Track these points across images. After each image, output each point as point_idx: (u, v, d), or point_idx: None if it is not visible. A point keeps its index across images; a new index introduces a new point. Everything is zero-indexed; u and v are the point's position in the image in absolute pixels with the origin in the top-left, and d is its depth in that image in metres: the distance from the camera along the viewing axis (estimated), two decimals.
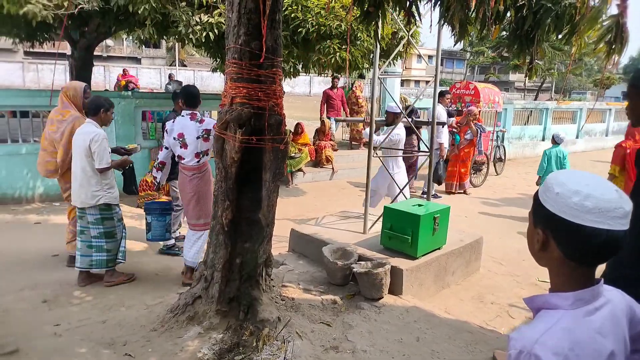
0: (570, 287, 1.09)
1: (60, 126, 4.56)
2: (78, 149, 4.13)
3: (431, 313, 3.80)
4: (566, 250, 1.07)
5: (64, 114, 4.61)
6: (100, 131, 4.17)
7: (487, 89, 10.72)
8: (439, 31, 4.61)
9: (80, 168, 4.13)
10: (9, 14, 6.77)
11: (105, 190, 4.19)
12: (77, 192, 4.17)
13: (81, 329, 3.39)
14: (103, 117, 4.30)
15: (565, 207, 1.04)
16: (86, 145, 4.07)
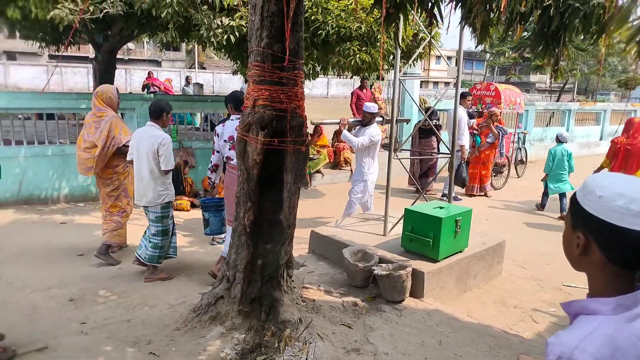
0: (611, 292, 1.06)
1: (98, 126, 4.83)
2: (145, 152, 4.33)
3: (453, 316, 3.76)
4: (610, 254, 1.05)
5: (100, 115, 4.89)
6: (167, 135, 4.41)
7: (508, 90, 10.59)
8: (461, 32, 4.58)
9: (148, 170, 4.33)
10: (36, 19, 6.96)
11: (169, 189, 4.46)
12: (143, 192, 4.39)
13: (107, 327, 3.45)
14: (165, 120, 4.53)
15: (609, 210, 1.02)
16: (154, 149, 4.29)
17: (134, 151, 4.45)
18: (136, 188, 4.47)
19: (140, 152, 4.37)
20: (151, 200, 4.37)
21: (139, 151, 4.38)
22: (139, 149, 4.38)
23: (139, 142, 4.39)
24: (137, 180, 4.43)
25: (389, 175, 4.94)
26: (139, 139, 4.40)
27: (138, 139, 4.40)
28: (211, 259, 5.11)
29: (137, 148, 4.39)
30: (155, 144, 4.29)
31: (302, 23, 3.40)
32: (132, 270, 4.66)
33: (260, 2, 3.22)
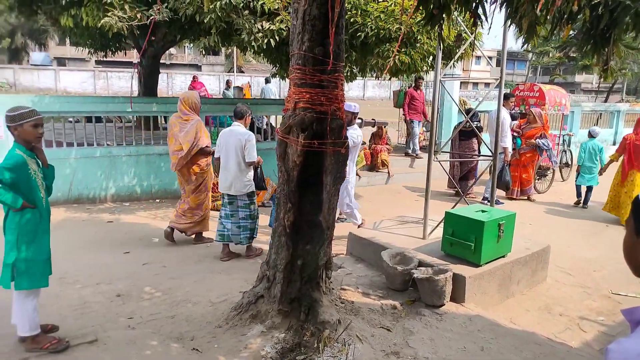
0: None
1: (183, 127, 5.43)
2: (233, 147, 4.95)
3: (495, 322, 3.68)
4: None
5: (186, 119, 5.47)
6: (251, 132, 5.07)
7: (552, 90, 10.24)
8: (505, 32, 4.48)
9: (236, 163, 4.96)
10: (87, 26, 7.31)
11: (251, 181, 5.11)
12: (231, 183, 5.02)
13: (152, 323, 3.58)
14: (247, 121, 5.16)
15: None
16: (242, 144, 4.93)
17: (221, 148, 5.05)
18: (224, 180, 5.07)
19: (228, 148, 4.98)
20: (239, 189, 5.02)
21: (227, 148, 4.99)
22: (227, 146, 4.99)
23: (226, 140, 5.01)
24: (225, 173, 5.04)
25: (428, 177, 4.88)
26: (226, 137, 5.02)
27: (226, 137, 5.03)
28: (250, 259, 5.20)
29: (225, 145, 5.01)
30: (242, 140, 4.92)
31: (343, 26, 3.43)
32: (175, 269, 4.80)
33: (302, 7, 3.26)
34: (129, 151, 7.70)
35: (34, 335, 3.13)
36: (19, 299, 3.11)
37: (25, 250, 3.05)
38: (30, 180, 3.06)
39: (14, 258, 3.03)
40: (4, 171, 2.93)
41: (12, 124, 3.01)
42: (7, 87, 30.26)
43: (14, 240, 3.04)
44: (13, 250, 3.04)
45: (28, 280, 3.07)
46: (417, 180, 9.88)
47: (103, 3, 6.30)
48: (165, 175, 7.93)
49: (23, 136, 3.04)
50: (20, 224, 3.04)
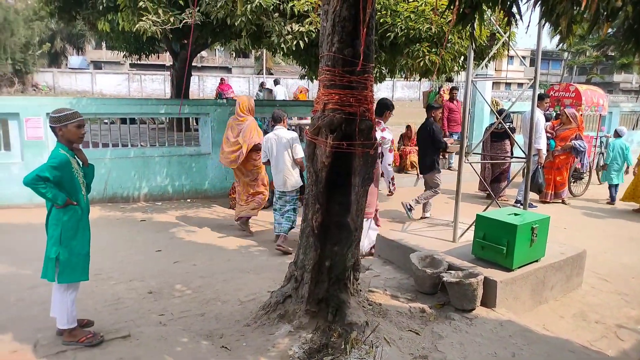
0: None
1: (240, 128, 6.09)
2: (282, 149, 5.50)
3: (528, 328, 3.58)
4: None
5: (242, 120, 6.15)
6: (294, 132, 5.75)
7: (589, 90, 9.92)
8: (539, 31, 4.37)
9: (287, 163, 5.51)
10: (122, 31, 7.52)
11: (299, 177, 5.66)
12: (284, 181, 5.57)
13: (182, 320, 3.65)
14: (284, 123, 5.73)
15: None
16: (290, 144, 5.49)
17: (270, 153, 5.57)
18: (277, 179, 5.60)
19: (278, 150, 5.51)
20: (293, 185, 5.58)
21: (277, 150, 5.52)
22: (276, 149, 5.52)
23: (273, 144, 5.54)
24: (278, 174, 5.56)
25: (459, 179, 4.80)
26: (273, 141, 5.55)
27: (272, 141, 5.55)
28: (278, 259, 5.24)
29: (274, 148, 5.54)
30: (290, 141, 5.50)
31: (373, 27, 3.41)
32: (205, 268, 4.89)
33: (332, 8, 3.27)
34: (161, 152, 7.88)
35: (72, 329, 3.25)
36: (59, 292, 3.24)
37: (67, 245, 3.20)
38: (73, 179, 3.22)
39: (57, 252, 3.17)
40: (51, 170, 3.07)
41: (57, 125, 3.16)
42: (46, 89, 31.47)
43: (57, 236, 3.18)
44: (56, 245, 3.17)
45: (70, 274, 3.22)
46: (447, 182, 9.70)
47: (138, 8, 6.47)
48: (196, 176, 8.09)
49: (67, 136, 3.20)
50: (63, 220, 3.18)
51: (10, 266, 4.80)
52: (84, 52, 40.50)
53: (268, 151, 5.58)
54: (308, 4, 6.21)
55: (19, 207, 7.01)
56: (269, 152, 5.58)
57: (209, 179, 8.17)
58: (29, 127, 7.02)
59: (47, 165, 3.08)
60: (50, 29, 34.70)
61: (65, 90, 32.34)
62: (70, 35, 36.45)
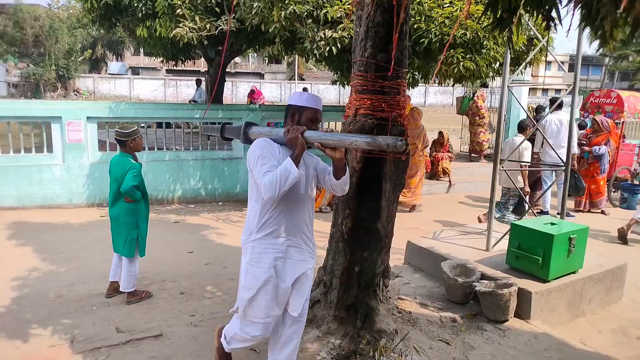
0: None
1: (414, 131, 7.68)
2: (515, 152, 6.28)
3: (564, 342, 3.46)
4: None
5: (416, 125, 7.83)
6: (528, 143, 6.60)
7: (632, 97, 9.55)
8: (579, 36, 4.24)
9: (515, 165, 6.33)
10: (160, 37, 7.74)
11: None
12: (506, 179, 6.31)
13: (213, 321, 3.69)
14: (526, 132, 6.49)
15: None
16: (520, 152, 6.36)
17: (504, 154, 6.24)
18: (504, 179, 6.32)
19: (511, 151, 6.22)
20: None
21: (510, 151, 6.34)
22: (507, 153, 6.33)
23: (505, 148, 6.61)
24: (512, 174, 6.26)
25: (493, 187, 4.70)
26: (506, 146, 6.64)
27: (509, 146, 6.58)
28: None
29: (505, 152, 6.38)
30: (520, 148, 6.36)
31: (406, 32, 3.39)
32: (235, 270, 4.91)
33: (365, 14, 3.27)
34: (195, 155, 8.05)
35: (133, 291, 4.11)
36: (129, 264, 4.08)
37: (141, 229, 4.13)
38: (143, 179, 4.12)
39: (136, 233, 4.08)
40: (136, 178, 3.95)
41: (129, 138, 4.03)
42: (87, 94, 32.67)
43: (134, 222, 4.07)
44: (134, 228, 4.07)
45: (142, 249, 4.17)
46: (480, 190, 9.54)
47: (176, 15, 6.65)
48: (228, 179, 8.21)
49: (135, 147, 4.11)
50: (136, 210, 4.07)
51: (50, 264, 4.99)
52: (122, 59, 41.87)
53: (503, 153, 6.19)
54: (341, 10, 6.23)
55: (59, 207, 7.29)
56: (503, 154, 6.14)
57: (241, 182, 8.28)
58: (70, 130, 7.30)
59: (132, 175, 3.91)
60: (92, 36, 36.02)
61: (105, 95, 33.47)
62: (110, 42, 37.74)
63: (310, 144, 2.39)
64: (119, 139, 4.05)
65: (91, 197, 7.52)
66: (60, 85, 30.00)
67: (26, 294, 4.21)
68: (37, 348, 3.29)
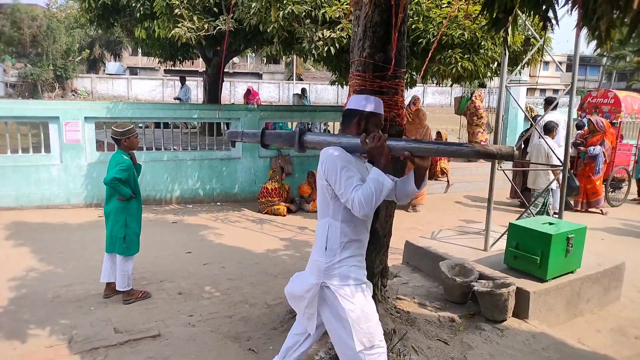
0: None
1: (418, 130, 8.08)
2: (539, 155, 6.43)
3: (562, 342, 3.47)
4: None
5: (421, 124, 8.27)
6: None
7: (629, 97, 9.57)
8: (577, 36, 4.25)
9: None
10: (158, 37, 7.73)
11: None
12: (534, 179, 6.40)
13: (211, 322, 3.69)
14: (553, 134, 6.26)
15: None
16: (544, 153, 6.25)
17: (531, 156, 6.46)
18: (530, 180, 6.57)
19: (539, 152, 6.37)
20: (538, 184, 6.36)
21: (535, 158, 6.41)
22: (537, 153, 6.43)
23: (533, 150, 6.50)
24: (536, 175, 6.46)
25: (491, 187, 4.70)
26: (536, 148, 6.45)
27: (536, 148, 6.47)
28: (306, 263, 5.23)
29: (533, 155, 6.49)
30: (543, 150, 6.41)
31: (404, 32, 3.39)
32: (233, 270, 4.94)
33: (364, 14, 3.27)
34: (193, 156, 8.04)
35: (129, 290, 4.09)
36: (122, 263, 4.07)
37: (132, 227, 4.10)
38: (134, 177, 4.11)
39: (124, 233, 4.04)
40: (122, 172, 3.92)
41: (123, 137, 4.03)
42: (85, 94, 32.60)
43: (123, 220, 4.05)
44: (123, 227, 4.04)
45: (132, 248, 4.12)
46: (478, 190, 9.55)
47: (174, 15, 6.64)
48: (226, 180, 8.21)
49: (129, 145, 4.08)
50: (127, 208, 4.07)
51: (48, 265, 4.97)
52: (120, 59, 41.78)
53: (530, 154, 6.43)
54: (339, 10, 6.23)
55: (57, 207, 7.27)
56: (531, 155, 6.42)
57: (239, 182, 8.28)
58: (68, 130, 7.29)
59: (118, 168, 3.90)
60: (90, 36, 35.94)
61: (103, 95, 33.38)
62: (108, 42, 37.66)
63: (396, 153, 2.15)
64: (114, 137, 4.08)
65: (89, 197, 7.51)
66: (57, 85, 29.90)
67: (24, 294, 4.20)
68: (35, 348, 3.28)
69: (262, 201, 7.56)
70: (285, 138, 2.53)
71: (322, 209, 2.31)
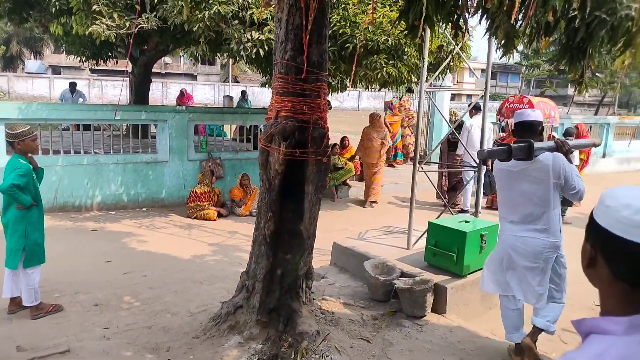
0: (623, 311, 0.99)
1: (380, 134, 8.49)
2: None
3: (476, 334, 3.65)
4: (614, 268, 0.99)
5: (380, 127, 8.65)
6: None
7: (542, 102, 10.30)
8: (489, 44, 4.51)
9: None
10: (77, 34, 7.30)
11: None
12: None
13: (128, 333, 3.52)
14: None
15: (614, 220, 0.97)
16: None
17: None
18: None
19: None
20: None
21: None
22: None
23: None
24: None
25: (413, 187, 4.87)
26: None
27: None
28: (233, 268, 5.15)
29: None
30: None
31: (326, 36, 3.43)
32: (156, 278, 4.75)
33: (285, 16, 3.27)
34: (116, 159, 7.65)
35: (37, 304, 3.83)
36: (26, 276, 3.80)
37: (33, 237, 3.82)
38: (34, 183, 3.86)
39: (24, 244, 3.76)
40: (20, 178, 3.67)
41: (16, 140, 3.77)
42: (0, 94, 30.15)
43: (23, 230, 3.77)
44: (22, 238, 3.76)
45: (34, 259, 3.85)
46: (407, 191, 9.82)
47: (92, 11, 6.29)
48: (153, 184, 7.89)
49: (24, 149, 3.81)
50: (27, 217, 3.79)
51: None
52: (42, 57, 39.04)
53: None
54: (267, 12, 6.20)
55: None
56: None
57: (166, 187, 7.98)
58: None
59: (16, 174, 3.65)
60: (6, 31, 33.32)
61: (21, 95, 31.00)
62: (28, 38, 35.07)
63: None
64: (7, 140, 3.89)
65: None
66: None
67: None
68: None
69: (190, 206, 7.34)
70: (524, 150, 3.03)
71: (545, 203, 3.13)
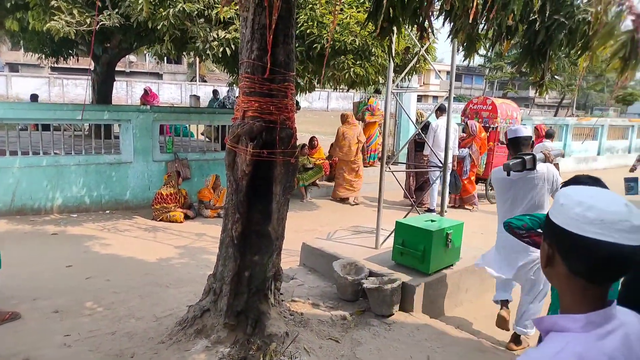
0: (580, 309, 1.03)
1: (355, 133, 8.88)
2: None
3: (443, 331, 3.72)
4: (570, 264, 1.02)
5: (355, 126, 9.06)
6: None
7: (504, 104, 10.61)
8: (453, 46, 4.60)
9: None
10: (34, 31, 7.03)
11: None
12: None
13: (90, 340, 3.40)
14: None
15: (567, 218, 1.00)
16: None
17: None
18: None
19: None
20: None
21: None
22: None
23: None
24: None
25: (380, 187, 4.92)
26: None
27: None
28: (201, 271, 5.07)
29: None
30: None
31: (293, 36, 3.42)
32: (120, 283, 4.62)
33: (251, 15, 3.25)
34: (77, 160, 7.40)
35: None
36: None
37: None
38: None
39: None
40: None
41: None
42: None
43: None
44: None
45: None
46: (376, 191, 9.92)
47: (50, 7, 6.07)
48: (116, 186, 7.67)
49: None
50: None
51: None
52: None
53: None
54: (232, 11, 6.14)
55: None
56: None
57: (130, 188, 7.78)
58: None
59: None
60: None
61: None
62: None
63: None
64: None
65: None
66: None
67: None
68: None
69: (156, 207, 7.18)
70: (531, 162, 3.42)
71: (540, 205, 3.55)
